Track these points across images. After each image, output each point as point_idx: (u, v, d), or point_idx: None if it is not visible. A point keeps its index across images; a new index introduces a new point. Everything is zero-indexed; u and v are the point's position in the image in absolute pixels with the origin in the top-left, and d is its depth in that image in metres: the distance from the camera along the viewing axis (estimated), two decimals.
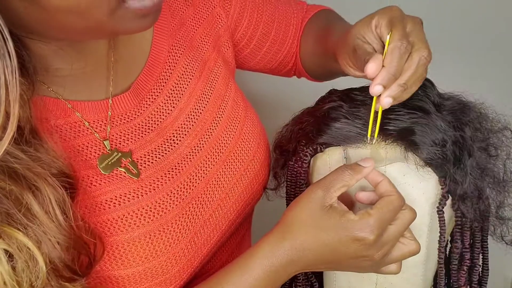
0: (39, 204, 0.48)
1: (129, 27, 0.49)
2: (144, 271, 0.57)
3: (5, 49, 0.42)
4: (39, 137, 0.50)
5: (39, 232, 0.48)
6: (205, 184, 0.64)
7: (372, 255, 0.55)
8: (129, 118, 0.60)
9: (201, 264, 0.65)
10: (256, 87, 0.89)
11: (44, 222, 0.48)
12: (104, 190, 0.56)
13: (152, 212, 0.58)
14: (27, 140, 0.48)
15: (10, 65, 0.43)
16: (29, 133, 0.48)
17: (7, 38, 0.42)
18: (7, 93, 0.43)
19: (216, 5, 0.70)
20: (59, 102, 0.56)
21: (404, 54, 0.55)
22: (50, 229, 0.48)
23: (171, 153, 0.62)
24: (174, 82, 0.64)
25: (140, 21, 0.48)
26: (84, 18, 0.45)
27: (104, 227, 0.56)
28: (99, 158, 0.57)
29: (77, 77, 0.57)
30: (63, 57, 0.55)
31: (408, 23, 0.58)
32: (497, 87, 1.25)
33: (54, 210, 0.49)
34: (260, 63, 0.80)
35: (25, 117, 0.48)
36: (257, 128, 0.72)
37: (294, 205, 0.58)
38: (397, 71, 0.55)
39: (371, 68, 0.54)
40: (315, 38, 0.79)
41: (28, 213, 0.47)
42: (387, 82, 0.54)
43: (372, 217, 0.54)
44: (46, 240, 0.48)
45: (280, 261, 0.57)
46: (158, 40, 0.64)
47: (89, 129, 0.57)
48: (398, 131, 0.60)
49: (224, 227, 0.67)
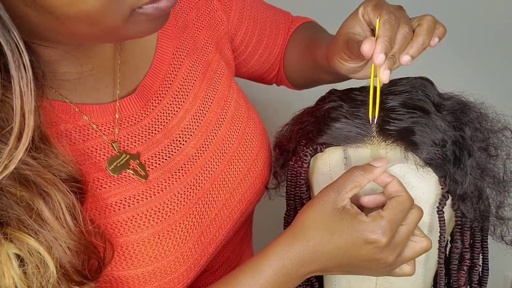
0: (50, 210, 0.48)
1: (140, 31, 0.49)
2: (154, 271, 0.58)
3: (21, 61, 0.43)
4: (49, 143, 0.50)
5: (49, 238, 0.48)
6: (211, 184, 0.65)
7: (385, 258, 0.55)
8: (136, 120, 0.60)
9: (207, 262, 0.66)
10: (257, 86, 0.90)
11: (54, 228, 0.48)
12: (113, 192, 0.57)
13: (160, 213, 0.59)
14: (37, 146, 0.48)
15: (26, 76, 0.43)
16: (39, 139, 0.49)
17: (23, 50, 0.43)
18: (22, 104, 0.44)
19: (218, 8, 0.71)
20: (66, 106, 0.56)
21: (394, 24, 0.56)
22: (61, 235, 0.48)
23: (178, 154, 0.62)
24: (179, 84, 0.64)
25: (151, 24, 0.48)
26: (97, 25, 0.45)
27: (114, 229, 0.56)
28: (108, 160, 0.57)
29: (84, 80, 0.57)
30: (70, 60, 0.55)
31: (391, 7, 0.59)
32: (497, 87, 1.25)
33: (64, 216, 0.49)
34: (250, 70, 0.82)
35: (35, 124, 0.48)
36: (259, 128, 0.73)
37: (307, 208, 0.58)
38: (392, 39, 0.56)
39: (367, 46, 0.55)
40: (300, 48, 0.80)
41: (39, 218, 0.48)
42: (386, 49, 0.55)
43: (384, 219, 0.54)
44: (56, 245, 0.48)
45: (291, 262, 0.56)
46: (162, 42, 0.64)
47: (97, 132, 0.57)
48: (398, 131, 0.60)
49: (228, 226, 0.68)
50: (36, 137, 0.48)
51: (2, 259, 0.46)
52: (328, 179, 0.64)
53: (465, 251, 0.65)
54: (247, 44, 0.77)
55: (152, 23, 0.48)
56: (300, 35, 0.82)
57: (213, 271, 0.74)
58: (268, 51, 0.81)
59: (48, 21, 0.45)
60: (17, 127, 0.44)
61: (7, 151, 0.44)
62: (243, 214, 0.71)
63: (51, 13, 0.43)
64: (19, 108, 0.44)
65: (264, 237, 1.03)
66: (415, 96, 0.61)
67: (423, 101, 0.62)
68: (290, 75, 0.84)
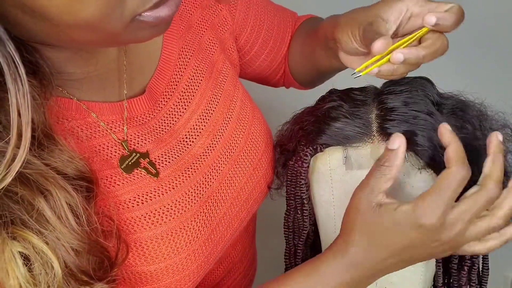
0: (51, 209, 0.48)
1: (142, 37, 0.48)
2: (166, 268, 0.58)
3: (17, 74, 0.43)
4: (54, 139, 0.50)
5: (52, 238, 0.48)
6: (219, 182, 0.65)
7: (440, 239, 0.52)
8: (144, 120, 0.60)
9: (216, 260, 0.66)
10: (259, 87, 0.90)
11: (57, 228, 0.48)
12: (126, 190, 0.57)
13: (173, 210, 0.59)
14: (40, 143, 0.48)
15: (22, 89, 0.44)
16: (43, 136, 0.48)
17: (19, 64, 0.43)
18: (19, 116, 0.44)
19: (222, 8, 0.71)
20: (74, 103, 0.56)
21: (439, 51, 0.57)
22: (63, 235, 0.48)
23: (186, 153, 0.63)
24: (185, 84, 0.65)
25: (153, 30, 0.48)
26: (97, 32, 0.45)
27: (128, 225, 0.56)
28: (120, 159, 0.57)
29: (90, 79, 0.57)
30: (75, 61, 0.55)
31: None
32: (496, 86, 1.25)
33: (66, 215, 0.48)
34: (256, 70, 0.81)
35: (40, 121, 0.48)
36: (264, 128, 0.73)
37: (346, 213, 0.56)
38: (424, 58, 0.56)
39: (380, 45, 0.54)
40: (303, 39, 0.79)
41: (41, 218, 0.47)
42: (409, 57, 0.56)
43: (426, 201, 0.51)
44: (59, 245, 0.48)
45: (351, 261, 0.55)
46: (168, 43, 0.64)
47: (105, 130, 0.57)
48: (398, 131, 0.60)
49: (235, 225, 0.68)
50: (40, 135, 0.48)
51: (6, 258, 0.46)
52: (328, 179, 0.64)
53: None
54: (253, 44, 0.77)
55: (153, 29, 0.48)
56: (303, 28, 0.81)
57: (214, 269, 0.74)
58: (275, 51, 0.80)
59: (48, 28, 0.44)
60: (14, 140, 0.44)
61: (4, 163, 0.44)
62: (249, 213, 0.71)
63: (50, 21, 0.43)
64: (16, 121, 0.44)
65: (265, 237, 1.03)
66: (415, 96, 0.61)
67: (423, 101, 0.62)
68: (293, 70, 0.83)
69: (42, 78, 0.50)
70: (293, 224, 0.71)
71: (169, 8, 0.46)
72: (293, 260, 0.73)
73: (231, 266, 0.77)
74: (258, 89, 0.89)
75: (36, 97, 0.48)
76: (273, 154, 0.74)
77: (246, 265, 0.82)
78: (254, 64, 0.80)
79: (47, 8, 0.41)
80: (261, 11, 0.77)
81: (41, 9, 0.42)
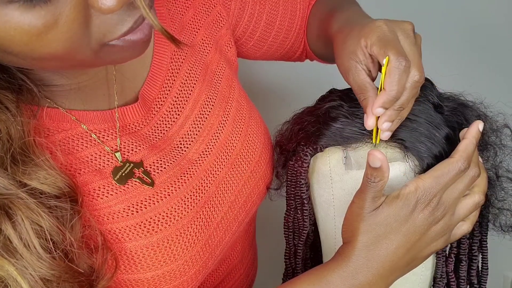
0: (18, 237, 0.46)
1: (119, 59, 0.47)
2: (163, 274, 0.58)
3: None
4: (33, 153, 0.48)
5: (20, 267, 0.46)
6: (216, 187, 0.64)
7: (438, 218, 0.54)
8: (137, 127, 0.59)
9: (215, 263, 0.66)
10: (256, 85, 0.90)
11: (24, 256, 0.46)
12: (120, 199, 0.56)
13: (168, 217, 0.58)
14: (15, 160, 0.47)
15: None
16: (19, 152, 0.47)
17: None
18: None
19: (216, 3, 0.69)
20: (63, 114, 0.55)
21: (403, 73, 0.54)
22: (31, 263, 0.46)
23: (181, 159, 0.62)
24: (178, 89, 0.63)
25: (127, 53, 0.46)
26: (67, 61, 0.44)
27: (123, 233, 0.56)
28: (113, 170, 0.56)
29: (80, 90, 0.56)
30: (63, 75, 0.54)
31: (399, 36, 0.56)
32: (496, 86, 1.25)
33: (33, 243, 0.46)
34: (267, 53, 0.79)
35: (18, 136, 0.47)
36: (261, 128, 0.72)
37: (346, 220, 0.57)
38: (398, 93, 0.55)
39: (370, 122, 0.57)
40: (319, 22, 0.77)
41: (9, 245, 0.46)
42: (388, 105, 0.55)
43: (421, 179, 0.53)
44: (27, 274, 0.46)
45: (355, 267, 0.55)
46: (159, 47, 0.63)
47: (96, 140, 0.56)
48: (398, 131, 0.60)
49: (234, 228, 0.68)
50: (16, 150, 0.46)
51: None
52: (328, 179, 0.64)
53: (465, 251, 0.65)
54: (253, 30, 0.74)
55: (127, 52, 0.46)
56: (320, 7, 0.78)
57: (214, 271, 0.74)
58: (284, 32, 0.78)
59: (17, 60, 0.44)
60: None
61: None
62: (248, 215, 0.71)
63: (15, 55, 0.42)
64: None
65: (265, 237, 1.03)
66: None
67: (423, 101, 0.62)
68: (314, 49, 0.81)
69: (26, 92, 0.49)
70: (293, 224, 0.71)
71: (141, 31, 0.45)
72: (293, 260, 0.73)
73: (231, 268, 0.77)
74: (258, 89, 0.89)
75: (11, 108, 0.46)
76: (271, 154, 0.73)
77: (247, 266, 0.82)
78: (262, 48, 0.78)
79: (9, 45, 0.41)
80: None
81: (3, 47, 0.41)
